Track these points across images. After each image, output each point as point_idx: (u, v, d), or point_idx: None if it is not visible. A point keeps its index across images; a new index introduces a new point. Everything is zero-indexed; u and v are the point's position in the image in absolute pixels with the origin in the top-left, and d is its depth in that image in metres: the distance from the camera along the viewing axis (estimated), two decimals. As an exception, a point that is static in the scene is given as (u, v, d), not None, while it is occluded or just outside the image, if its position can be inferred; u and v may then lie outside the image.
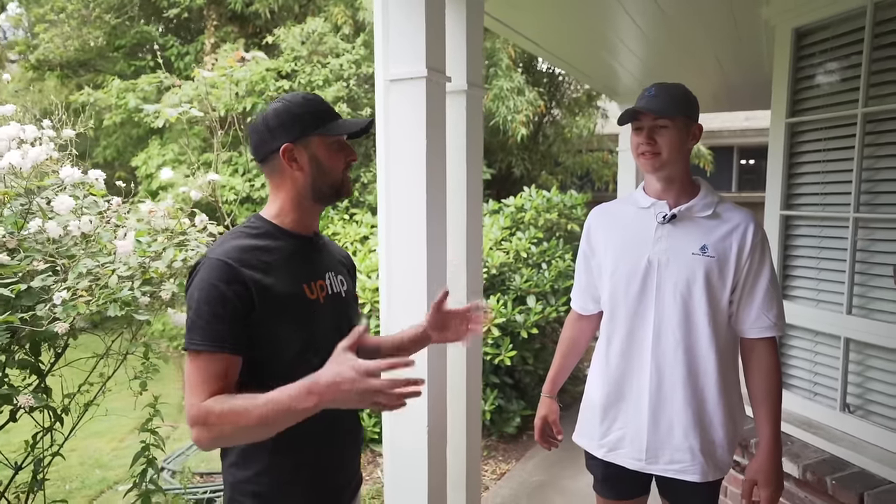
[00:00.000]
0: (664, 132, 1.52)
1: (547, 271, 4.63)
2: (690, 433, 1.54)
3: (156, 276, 2.09)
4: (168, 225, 2.25)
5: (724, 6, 2.66)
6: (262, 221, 1.27)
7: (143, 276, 2.00)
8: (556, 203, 5.35)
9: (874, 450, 2.19)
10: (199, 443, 1.13)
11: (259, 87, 4.24)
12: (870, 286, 2.24)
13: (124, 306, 1.75)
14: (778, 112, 2.56)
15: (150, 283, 1.99)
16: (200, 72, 2.40)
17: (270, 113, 1.24)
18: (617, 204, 1.74)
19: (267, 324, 1.16)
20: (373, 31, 5.14)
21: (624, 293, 1.59)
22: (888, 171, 2.18)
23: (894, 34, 2.13)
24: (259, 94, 4.13)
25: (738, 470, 2.43)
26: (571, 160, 8.08)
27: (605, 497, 1.74)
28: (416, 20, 1.84)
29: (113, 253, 1.91)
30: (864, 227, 2.25)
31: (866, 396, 2.29)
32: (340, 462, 1.33)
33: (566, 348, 1.85)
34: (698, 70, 4.09)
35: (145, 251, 1.93)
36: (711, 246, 1.52)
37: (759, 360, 1.57)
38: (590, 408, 1.73)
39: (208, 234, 2.16)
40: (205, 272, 1.14)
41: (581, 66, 4.05)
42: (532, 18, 2.92)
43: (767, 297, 1.54)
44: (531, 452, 3.95)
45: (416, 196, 1.92)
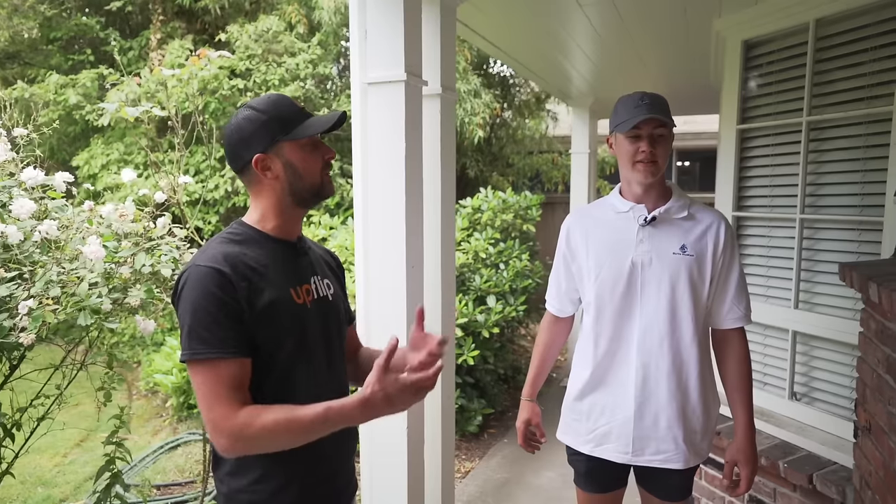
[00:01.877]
0: (662, 140, 1.59)
1: (505, 271, 4.71)
2: (674, 424, 1.63)
3: (120, 282, 2.01)
4: (132, 229, 2.17)
5: (681, 17, 2.80)
6: (246, 227, 1.24)
7: (108, 282, 1.93)
8: (511, 204, 5.45)
9: (820, 434, 2.36)
10: (226, 452, 1.11)
11: (212, 85, 4.12)
12: (814, 282, 2.42)
13: (93, 314, 1.68)
14: (728, 118, 2.71)
15: (115, 289, 1.92)
16: (161, 69, 2.31)
17: (241, 121, 1.21)
18: (594, 208, 1.80)
19: (256, 331, 1.15)
20: (329, 32, 5.11)
21: (610, 294, 1.65)
22: (830, 176, 2.35)
23: (834, 49, 2.30)
24: (212, 92, 4.01)
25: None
26: (522, 162, 8.23)
27: (588, 491, 1.80)
28: (395, 24, 1.85)
29: (77, 258, 1.83)
30: (809, 228, 2.42)
31: (811, 385, 2.47)
32: (337, 468, 1.32)
33: (544, 351, 1.90)
34: (646, 75, 4.25)
35: (113, 257, 1.86)
36: (690, 245, 1.60)
37: (732, 348, 1.69)
38: (574, 405, 1.78)
39: (179, 238, 2.09)
40: (197, 281, 1.12)
41: (538, 69, 4.15)
42: (498, 23, 2.98)
43: (738, 290, 1.65)
44: (493, 450, 4.02)
45: (394, 199, 1.93)
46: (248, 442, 1.10)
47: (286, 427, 1.10)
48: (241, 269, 1.14)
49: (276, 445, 1.13)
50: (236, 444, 1.09)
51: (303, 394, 1.21)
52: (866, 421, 1.85)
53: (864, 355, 1.88)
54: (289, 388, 1.21)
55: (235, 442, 1.09)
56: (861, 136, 2.22)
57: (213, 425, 1.09)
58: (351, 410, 1.09)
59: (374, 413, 1.10)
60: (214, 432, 1.09)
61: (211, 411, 1.09)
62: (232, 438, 1.08)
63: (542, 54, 3.61)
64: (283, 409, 1.11)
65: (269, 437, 1.10)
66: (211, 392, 1.09)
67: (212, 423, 1.09)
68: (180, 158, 2.33)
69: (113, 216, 1.90)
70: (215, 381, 1.10)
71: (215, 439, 1.09)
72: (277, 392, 1.19)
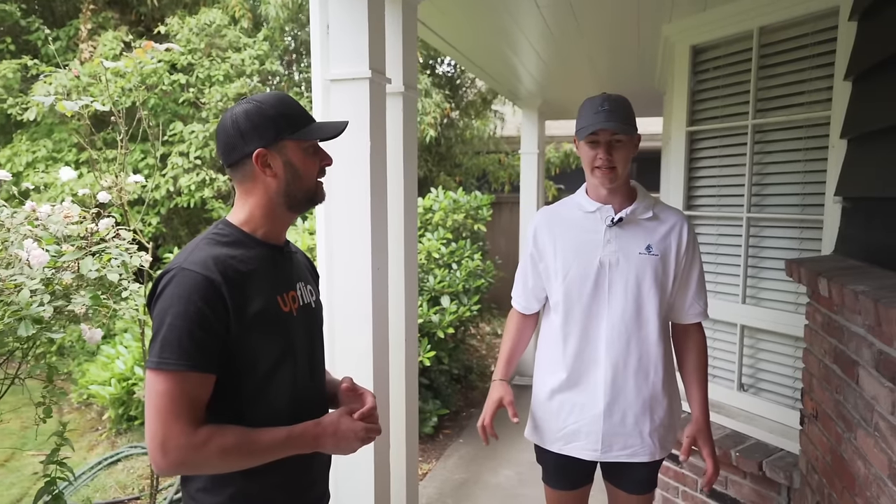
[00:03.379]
0: (619, 147, 1.62)
1: (458, 271, 4.72)
2: (641, 419, 1.66)
3: (60, 289, 1.87)
4: (72, 231, 2.02)
5: (633, 21, 2.87)
6: (232, 229, 1.19)
7: (47, 288, 1.79)
8: (462, 204, 5.46)
9: (767, 422, 2.47)
10: (164, 470, 1.05)
11: (150, 80, 3.90)
12: (760, 278, 2.53)
13: (35, 324, 1.55)
14: (678, 121, 2.80)
15: (56, 296, 1.78)
16: (102, 61, 2.16)
17: (241, 114, 1.16)
18: (561, 207, 1.82)
19: (242, 340, 1.10)
20: (275, 27, 4.95)
21: (578, 294, 1.67)
22: (773, 177, 2.47)
23: (777, 56, 2.41)
24: (152, 87, 3.80)
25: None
26: (470, 162, 8.27)
27: (556, 488, 1.82)
28: (359, 21, 1.81)
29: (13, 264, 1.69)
30: (755, 226, 2.53)
31: (758, 376, 2.59)
32: (316, 478, 1.28)
33: (515, 337, 1.88)
34: (595, 77, 4.36)
35: (56, 262, 1.72)
36: (655, 245, 1.64)
37: (692, 340, 1.77)
38: (542, 405, 1.79)
39: (128, 241, 1.97)
40: (179, 286, 1.05)
41: (492, 70, 4.17)
42: (456, 22, 2.97)
43: (698, 287, 1.71)
44: (450, 451, 4.01)
45: (359, 200, 1.89)
46: (197, 462, 1.06)
47: (246, 449, 1.08)
48: (230, 276, 1.09)
49: (224, 468, 1.10)
50: (182, 463, 1.05)
51: (286, 401, 1.18)
52: (812, 409, 1.95)
53: (810, 346, 1.99)
54: (272, 396, 1.16)
55: (183, 460, 1.04)
56: (802, 139, 2.34)
57: (163, 440, 1.02)
58: (308, 438, 1.16)
59: (323, 445, 1.18)
60: (161, 448, 1.02)
61: (167, 426, 1.03)
62: (181, 455, 1.03)
63: (496, 55, 3.64)
64: (242, 430, 1.09)
65: (220, 458, 1.07)
66: (170, 405, 1.03)
67: (162, 437, 1.02)
68: (125, 156, 2.19)
69: (55, 218, 1.77)
70: (179, 394, 1.04)
71: (159, 455, 1.03)
72: (260, 400, 1.15)
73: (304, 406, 1.23)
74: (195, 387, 1.06)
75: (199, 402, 1.07)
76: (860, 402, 1.52)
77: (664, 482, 2.69)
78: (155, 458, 1.04)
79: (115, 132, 4.14)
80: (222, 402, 1.10)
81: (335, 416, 1.20)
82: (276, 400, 1.17)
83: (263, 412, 1.15)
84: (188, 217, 5.13)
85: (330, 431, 1.17)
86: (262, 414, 1.15)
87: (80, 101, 2.16)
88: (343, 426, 1.18)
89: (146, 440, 1.06)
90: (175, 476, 1.14)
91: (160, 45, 2.17)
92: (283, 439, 1.11)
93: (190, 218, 5.15)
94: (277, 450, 1.12)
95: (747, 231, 2.53)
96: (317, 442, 1.16)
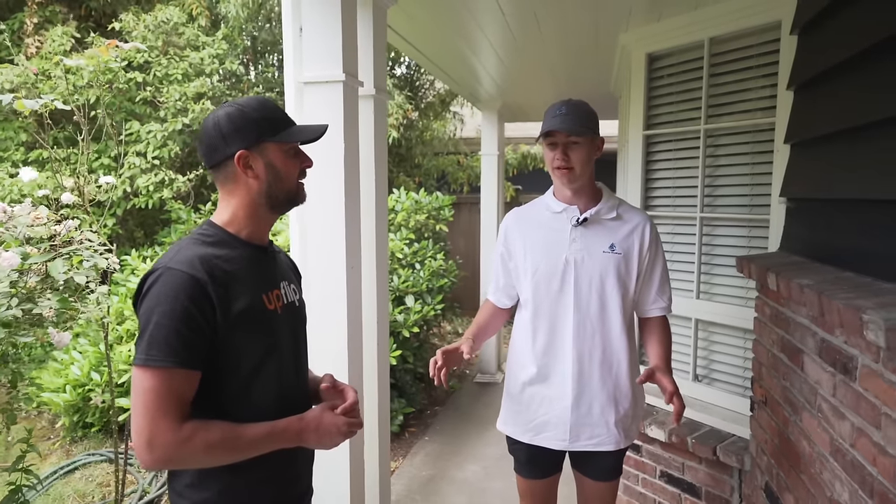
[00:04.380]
0: (576, 148, 1.70)
1: (421, 271, 4.76)
2: (606, 409, 1.75)
3: (24, 292, 1.83)
4: (35, 233, 1.98)
5: (592, 29, 2.99)
6: (216, 229, 1.22)
7: (12, 291, 1.75)
8: (424, 204, 5.51)
9: (720, 410, 2.62)
10: (151, 466, 1.08)
11: (105, 77, 3.79)
12: (712, 274, 2.68)
13: (3, 328, 1.52)
14: (636, 125, 2.93)
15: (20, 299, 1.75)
16: (62, 59, 2.10)
17: (223, 116, 1.19)
18: (530, 208, 1.90)
19: (228, 337, 1.13)
20: (235, 26, 4.89)
21: (546, 290, 1.75)
22: (724, 178, 2.62)
23: (726, 65, 2.57)
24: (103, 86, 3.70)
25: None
26: (429, 163, 8.32)
27: (527, 477, 1.90)
28: (333, 25, 1.84)
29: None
30: (708, 225, 2.68)
31: (711, 367, 2.74)
32: (298, 474, 1.31)
33: (487, 318, 1.92)
34: (554, 81, 4.48)
35: (23, 265, 1.69)
36: (618, 244, 1.74)
37: (657, 329, 1.85)
38: (514, 398, 1.86)
39: (99, 243, 1.94)
40: (166, 285, 1.07)
41: (454, 72, 4.24)
42: (422, 26, 3.02)
43: (661, 283, 1.81)
44: (416, 448, 4.06)
45: (334, 201, 1.91)
46: (183, 457, 1.09)
47: (231, 444, 1.11)
48: (216, 274, 1.11)
49: (210, 462, 1.13)
50: (169, 459, 1.07)
51: (272, 398, 1.22)
52: (762, 395, 2.09)
53: (759, 337, 2.13)
54: (256, 394, 1.19)
55: (170, 455, 1.07)
56: (749, 144, 2.50)
57: (149, 436, 1.05)
58: (291, 433, 1.18)
59: (306, 440, 1.21)
60: (148, 444, 1.05)
61: (154, 422, 1.05)
62: (168, 451, 1.06)
63: (459, 58, 3.70)
64: (227, 426, 1.12)
65: (205, 453, 1.09)
66: (157, 402, 1.05)
67: (149, 433, 1.05)
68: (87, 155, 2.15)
69: (24, 219, 1.73)
70: (166, 390, 1.06)
71: (146, 451, 1.05)
72: (244, 397, 1.18)
73: (289, 403, 1.26)
74: (182, 383, 1.08)
75: (185, 398, 1.09)
76: (805, 387, 1.65)
77: (625, 470, 2.81)
78: (141, 454, 1.06)
79: (66, 131, 4.01)
80: (206, 400, 1.13)
81: (318, 412, 1.23)
82: (262, 398, 1.20)
83: (248, 409, 1.18)
84: (143, 218, 5.00)
85: (313, 426, 1.21)
86: (247, 411, 1.17)
87: (40, 98, 2.11)
88: (326, 421, 1.22)
89: (132, 436, 1.07)
90: (160, 471, 1.16)
91: (126, 44, 2.14)
92: (266, 434, 1.15)
93: (145, 219, 5.02)
94: (261, 444, 1.15)
95: (700, 230, 2.67)
96: (300, 437, 1.20)
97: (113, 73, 3.83)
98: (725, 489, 2.44)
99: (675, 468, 2.64)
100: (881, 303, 1.21)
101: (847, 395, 1.37)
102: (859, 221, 1.56)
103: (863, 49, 1.55)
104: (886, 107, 1.39)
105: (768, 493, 1.98)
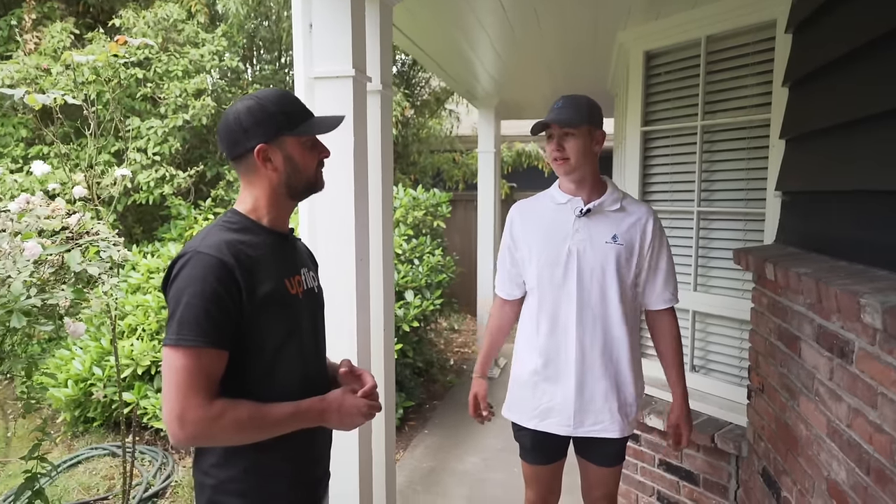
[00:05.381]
0: (570, 139, 1.76)
1: (420, 266, 4.81)
2: (609, 395, 1.81)
3: (38, 283, 1.86)
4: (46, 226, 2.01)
5: (591, 26, 3.04)
6: (240, 216, 1.26)
7: (30, 280, 1.78)
8: (422, 201, 5.56)
9: (717, 399, 2.69)
10: (183, 442, 1.11)
11: (105, 73, 3.80)
12: (709, 267, 2.75)
13: (25, 316, 1.56)
14: (633, 122, 2.99)
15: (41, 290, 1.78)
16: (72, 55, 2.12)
17: (243, 110, 1.22)
18: (535, 200, 1.95)
19: (253, 320, 1.17)
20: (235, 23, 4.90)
21: (549, 279, 1.81)
22: (720, 173, 2.68)
23: (722, 63, 2.63)
24: (105, 81, 3.71)
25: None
26: (425, 161, 8.37)
27: (533, 463, 1.95)
28: (343, 21, 1.88)
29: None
30: (705, 219, 2.74)
31: (707, 357, 2.80)
32: (319, 455, 1.36)
33: (494, 333, 2.04)
34: (551, 77, 4.53)
35: (43, 254, 1.72)
36: (620, 235, 1.79)
37: (664, 326, 1.92)
38: (520, 384, 1.91)
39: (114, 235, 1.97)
40: (195, 268, 1.12)
41: (453, 69, 4.28)
42: (423, 22, 3.06)
43: (667, 276, 1.87)
44: (416, 441, 4.10)
45: (343, 196, 1.96)
46: (213, 434, 1.12)
47: (258, 422, 1.15)
48: (242, 259, 1.16)
49: (237, 440, 1.17)
50: (199, 435, 1.11)
51: (297, 379, 1.26)
52: (759, 383, 2.16)
53: (756, 327, 2.19)
54: (280, 374, 1.23)
55: (200, 432, 1.10)
56: (745, 139, 2.56)
57: (180, 413, 1.09)
58: (314, 413, 1.22)
59: (328, 419, 1.25)
60: (179, 420, 1.09)
61: (185, 399, 1.09)
62: (199, 428, 1.10)
63: (459, 55, 3.75)
64: (253, 404, 1.15)
65: (234, 431, 1.13)
66: (189, 380, 1.09)
67: (180, 410, 1.09)
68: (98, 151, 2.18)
69: (42, 211, 1.76)
70: (197, 369, 1.10)
71: (177, 427, 1.09)
72: (267, 378, 1.22)
73: (312, 384, 1.30)
74: (212, 362, 1.12)
75: (215, 377, 1.13)
76: (802, 372, 1.71)
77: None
78: (173, 430, 1.10)
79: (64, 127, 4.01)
80: (231, 381, 1.17)
81: (339, 394, 1.27)
82: (286, 378, 1.24)
83: (272, 390, 1.21)
84: (142, 214, 5.02)
85: (335, 406, 1.25)
86: (271, 391, 1.21)
87: (51, 93, 2.13)
88: (347, 402, 1.26)
89: (163, 414, 1.11)
90: (190, 447, 1.20)
91: (135, 40, 2.17)
92: (291, 413, 1.18)
93: (143, 215, 5.04)
94: (286, 423, 1.18)
95: (697, 224, 2.73)
96: (322, 416, 1.24)
97: (114, 69, 3.84)
98: (723, 475, 2.50)
99: (674, 456, 2.70)
100: (877, 287, 1.27)
101: (844, 377, 1.43)
102: (856, 212, 1.62)
103: (862, 44, 1.61)
104: (886, 99, 1.44)
105: (766, 477, 2.05)
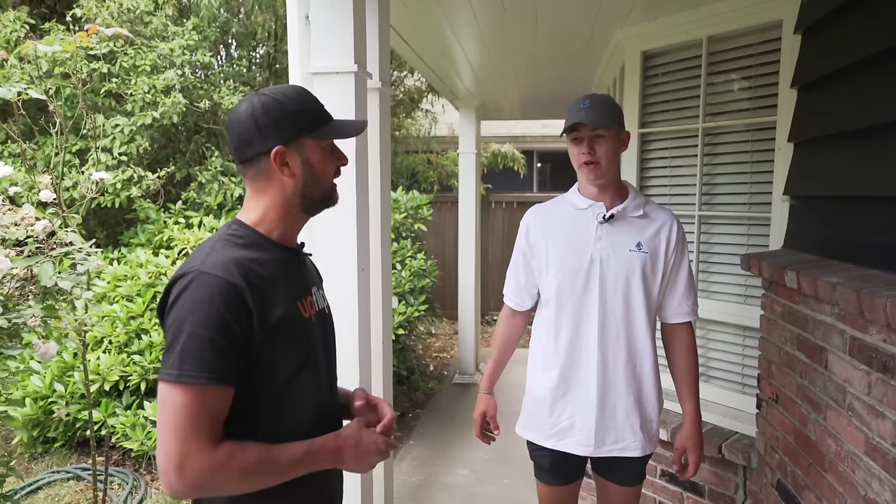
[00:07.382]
0: (602, 142, 1.65)
1: (403, 271, 4.67)
2: (631, 412, 1.71)
3: (2, 299, 1.66)
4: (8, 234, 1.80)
5: (588, 25, 2.96)
6: (247, 229, 1.11)
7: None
8: (402, 203, 5.42)
9: (720, 408, 2.63)
10: (180, 493, 0.96)
11: (67, 67, 3.53)
12: (710, 272, 2.69)
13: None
14: (630, 123, 2.91)
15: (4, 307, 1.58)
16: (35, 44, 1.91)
17: (259, 107, 1.08)
18: (553, 205, 1.84)
19: (264, 349, 1.03)
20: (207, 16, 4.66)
21: (570, 289, 1.70)
22: (722, 177, 2.63)
23: (725, 63, 2.57)
24: (72, 73, 3.45)
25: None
26: (401, 162, 8.21)
27: (550, 484, 1.83)
28: (344, 15, 1.75)
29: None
30: (706, 223, 2.69)
31: (709, 364, 2.75)
32: (336, 488, 1.23)
33: (503, 345, 1.91)
34: (535, 77, 4.44)
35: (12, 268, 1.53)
36: (645, 243, 1.70)
37: (681, 341, 1.80)
38: (536, 401, 1.80)
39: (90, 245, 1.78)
40: (200, 290, 0.97)
41: (438, 67, 4.14)
42: (415, 16, 2.93)
43: (687, 287, 1.77)
44: (402, 453, 3.96)
45: (345, 200, 1.80)
46: (217, 483, 0.98)
47: (267, 467, 1.01)
48: (253, 281, 1.01)
49: (243, 488, 1.02)
50: (201, 485, 0.96)
51: (310, 412, 1.13)
52: (772, 393, 2.09)
53: (769, 335, 2.13)
54: (292, 408, 1.10)
55: (203, 482, 0.95)
56: (749, 142, 2.51)
57: (179, 460, 0.94)
58: (328, 453, 1.10)
59: (343, 459, 1.12)
60: (178, 469, 0.93)
61: (186, 444, 0.94)
62: (201, 477, 0.95)
63: (446, 49, 3.62)
64: (262, 447, 1.01)
65: (241, 478, 0.99)
66: (191, 421, 0.95)
67: (180, 457, 0.94)
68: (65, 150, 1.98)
69: (7, 219, 1.56)
70: (200, 409, 0.95)
71: (175, 477, 0.94)
72: (278, 411, 1.08)
73: (326, 417, 1.17)
74: (216, 401, 0.98)
75: (219, 417, 0.99)
76: (830, 385, 1.64)
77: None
78: (170, 480, 0.94)
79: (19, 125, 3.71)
80: (238, 415, 1.02)
81: (354, 429, 1.15)
82: (298, 412, 1.11)
83: (284, 424, 1.08)
84: (104, 218, 4.73)
85: (351, 444, 1.12)
86: (283, 427, 1.08)
87: (13, 86, 1.92)
88: (365, 438, 1.14)
89: (159, 460, 0.96)
90: (188, 499, 1.04)
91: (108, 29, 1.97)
92: (303, 454, 1.05)
93: (107, 219, 4.75)
94: (298, 466, 1.05)
95: (699, 228, 2.68)
96: (337, 455, 1.11)
97: (80, 61, 3.58)
98: (730, 486, 2.45)
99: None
100: (935, 301, 1.20)
101: (888, 393, 1.36)
102: (889, 219, 1.57)
103: (887, 48, 1.56)
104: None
105: (781, 490, 1.99)
